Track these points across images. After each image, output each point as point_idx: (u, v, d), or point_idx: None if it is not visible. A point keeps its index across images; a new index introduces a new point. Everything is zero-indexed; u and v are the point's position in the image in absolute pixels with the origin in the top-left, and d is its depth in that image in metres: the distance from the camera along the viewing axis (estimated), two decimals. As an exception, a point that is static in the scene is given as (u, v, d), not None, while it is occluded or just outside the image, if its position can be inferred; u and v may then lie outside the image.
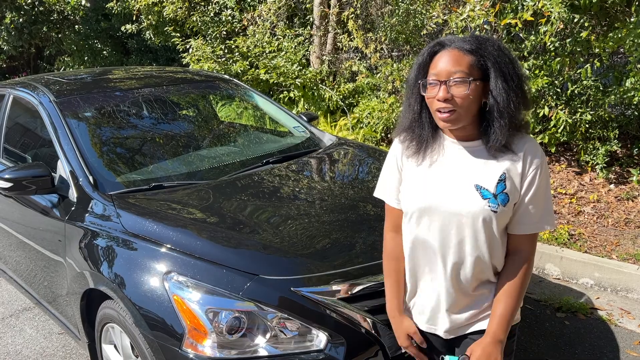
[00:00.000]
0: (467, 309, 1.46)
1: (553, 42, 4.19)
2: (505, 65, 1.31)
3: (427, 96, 1.35)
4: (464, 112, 1.31)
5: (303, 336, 1.79)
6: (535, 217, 1.37)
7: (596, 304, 3.22)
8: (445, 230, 1.40)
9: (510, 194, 1.34)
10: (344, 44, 6.61)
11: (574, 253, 3.65)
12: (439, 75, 1.31)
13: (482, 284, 1.44)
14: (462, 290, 1.43)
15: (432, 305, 1.49)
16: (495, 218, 1.35)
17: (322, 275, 1.88)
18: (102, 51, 11.08)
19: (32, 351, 2.95)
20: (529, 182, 1.35)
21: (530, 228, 1.38)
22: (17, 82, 3.43)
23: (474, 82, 1.29)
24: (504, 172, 1.35)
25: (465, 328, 1.48)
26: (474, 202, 1.35)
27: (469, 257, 1.39)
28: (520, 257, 1.40)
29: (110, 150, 2.81)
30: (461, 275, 1.42)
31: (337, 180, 2.74)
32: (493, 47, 1.32)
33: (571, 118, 4.40)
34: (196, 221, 2.16)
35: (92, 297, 2.26)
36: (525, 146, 1.36)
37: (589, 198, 4.36)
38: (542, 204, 1.37)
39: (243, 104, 4.73)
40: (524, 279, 1.40)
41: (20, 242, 2.88)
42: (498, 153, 1.35)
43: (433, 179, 1.42)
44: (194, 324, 1.78)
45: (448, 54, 1.31)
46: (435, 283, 1.46)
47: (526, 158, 1.35)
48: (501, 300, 1.39)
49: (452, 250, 1.40)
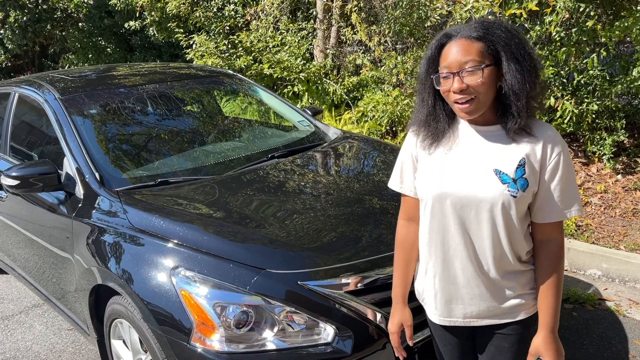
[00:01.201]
0: (490, 296, 1.43)
1: (559, 32, 4.15)
2: (516, 46, 1.29)
3: (442, 90, 1.34)
4: (482, 98, 1.31)
5: (311, 329, 1.79)
6: (562, 204, 1.35)
7: (604, 295, 3.20)
8: (463, 216, 1.38)
9: (529, 179, 1.33)
10: (347, 38, 6.59)
11: (582, 244, 3.64)
12: (451, 67, 1.30)
13: (507, 274, 1.42)
14: (483, 276, 1.42)
15: (450, 292, 1.47)
16: (515, 203, 1.33)
17: (329, 269, 1.88)
18: (106, 48, 11.10)
19: (42, 347, 2.97)
20: (552, 169, 1.34)
21: (557, 216, 1.37)
22: (22, 80, 3.44)
23: (486, 69, 1.28)
24: (524, 157, 1.33)
25: (487, 318, 1.46)
26: (494, 186, 1.34)
27: (488, 242, 1.38)
28: (551, 246, 1.40)
29: (115, 147, 2.82)
30: (482, 261, 1.40)
31: (343, 173, 2.74)
32: (501, 30, 1.31)
33: (577, 108, 4.36)
34: (202, 216, 2.17)
35: (100, 293, 2.28)
36: (546, 132, 1.35)
37: (596, 189, 4.33)
38: (568, 190, 1.35)
39: (247, 99, 4.72)
40: (559, 266, 1.39)
41: (28, 239, 2.89)
42: (517, 137, 1.34)
43: (450, 165, 1.41)
44: (201, 319, 1.78)
45: (456, 44, 1.30)
46: (453, 269, 1.44)
47: (547, 145, 1.33)
48: (544, 292, 1.39)
49: (471, 235, 1.39)
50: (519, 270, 1.43)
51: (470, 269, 1.42)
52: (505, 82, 1.30)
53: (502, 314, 1.45)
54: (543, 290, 1.40)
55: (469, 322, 1.49)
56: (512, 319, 1.45)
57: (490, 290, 1.43)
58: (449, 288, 1.47)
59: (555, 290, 1.39)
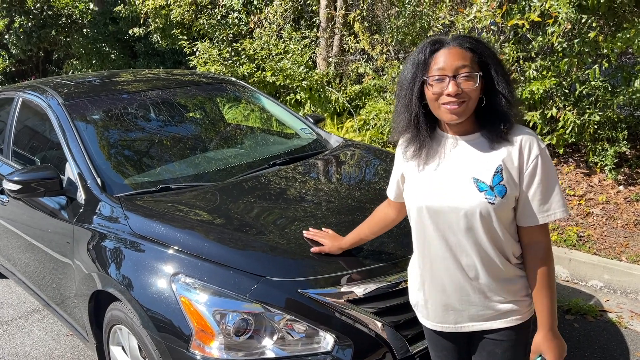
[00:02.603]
0: (480, 302, 1.45)
1: (561, 42, 4.16)
2: (500, 64, 1.38)
3: (433, 92, 1.35)
4: (471, 105, 1.35)
5: (310, 338, 1.78)
6: (543, 207, 1.37)
7: (606, 307, 3.19)
8: (445, 226, 1.41)
9: (507, 185, 1.35)
10: (350, 46, 6.61)
11: (583, 255, 3.62)
12: (445, 70, 1.33)
13: (498, 280, 1.42)
14: (472, 283, 1.43)
15: (441, 299, 1.49)
16: (494, 210, 1.35)
17: (330, 277, 1.87)
18: (110, 54, 11.16)
19: (40, 353, 2.96)
20: (530, 173, 1.36)
21: (539, 219, 1.38)
22: (26, 85, 3.46)
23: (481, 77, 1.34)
24: (501, 163, 1.36)
25: (478, 323, 1.48)
26: (471, 195, 1.36)
27: (472, 250, 1.39)
28: (537, 249, 1.41)
29: (117, 153, 2.82)
30: (469, 269, 1.42)
31: (344, 181, 2.74)
32: (486, 46, 1.38)
33: (579, 119, 4.36)
34: (203, 223, 2.16)
35: (100, 298, 2.27)
36: (521, 136, 1.37)
37: (598, 199, 4.32)
38: (548, 193, 1.37)
39: (250, 106, 4.74)
40: (548, 268, 1.40)
41: (29, 244, 2.89)
42: (495, 144, 1.37)
43: (431, 176, 1.44)
44: (201, 326, 1.78)
45: (450, 50, 1.34)
46: (441, 278, 1.47)
47: (524, 149, 1.36)
48: (537, 295, 1.41)
49: (455, 244, 1.41)
50: (511, 276, 1.44)
51: (458, 276, 1.43)
52: (497, 93, 1.36)
53: (493, 319, 1.46)
54: (535, 293, 1.41)
55: (460, 328, 1.50)
56: (504, 325, 1.46)
57: (480, 297, 1.44)
58: (439, 295, 1.49)
59: (547, 291, 1.40)
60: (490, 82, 1.36)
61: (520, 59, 4.57)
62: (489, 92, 1.37)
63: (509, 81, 1.38)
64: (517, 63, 4.60)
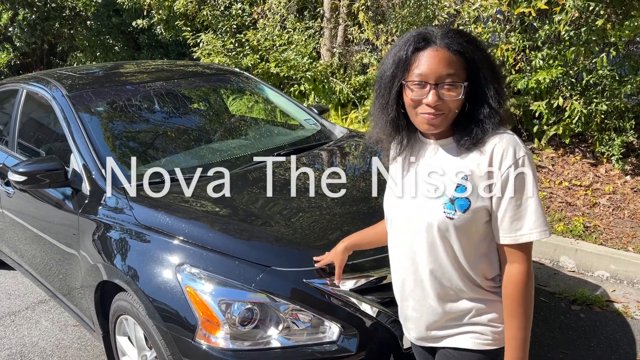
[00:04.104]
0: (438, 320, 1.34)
1: (568, 31, 4.12)
2: (491, 65, 1.23)
3: (412, 97, 1.22)
4: (450, 116, 1.22)
5: (315, 328, 1.79)
6: (517, 225, 1.21)
7: (612, 297, 3.17)
8: (408, 236, 1.32)
9: (472, 199, 1.21)
10: (354, 36, 6.57)
11: (589, 245, 3.60)
12: (427, 77, 1.19)
13: (460, 300, 1.31)
14: (432, 299, 1.32)
15: (404, 310, 1.42)
16: (453, 226, 1.22)
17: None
18: (114, 47, 11.14)
19: (47, 343, 2.99)
20: (502, 184, 1.19)
21: (510, 238, 1.22)
22: (31, 77, 3.46)
23: (465, 87, 1.20)
24: (467, 173, 1.22)
25: (439, 340, 1.37)
26: (431, 207, 1.25)
27: (433, 265, 1.28)
28: (512, 272, 1.24)
29: (122, 144, 2.82)
30: (429, 283, 1.31)
31: (348, 172, 2.73)
32: (477, 46, 1.23)
33: (586, 108, 4.33)
34: (208, 213, 2.16)
35: (106, 289, 2.28)
36: (495, 143, 1.21)
37: (605, 190, 4.29)
38: (524, 208, 1.20)
39: (254, 97, 4.72)
40: (523, 295, 1.23)
41: (35, 235, 2.91)
42: (465, 151, 1.23)
43: (401, 182, 1.34)
44: (206, 316, 1.78)
45: (436, 53, 1.19)
46: (404, 289, 1.38)
47: (494, 157, 1.20)
48: (507, 321, 1.26)
49: (417, 257, 1.31)
50: (480, 299, 1.30)
51: (418, 290, 1.33)
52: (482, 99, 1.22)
53: (453, 336, 1.34)
54: (505, 319, 1.26)
55: (420, 343, 1.42)
56: (466, 345, 1.33)
57: (442, 315, 1.32)
58: (403, 305, 1.42)
59: (515, 320, 1.24)
60: (477, 89, 1.22)
61: (526, 48, 4.52)
62: (474, 99, 1.22)
63: (500, 85, 1.23)
64: (523, 52, 4.55)
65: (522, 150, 1.20)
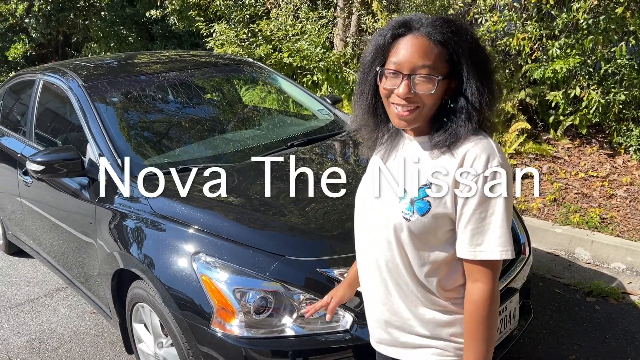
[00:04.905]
0: (393, 326, 1.27)
1: (586, 19, 4.04)
2: (481, 61, 1.12)
3: (383, 86, 1.14)
4: (425, 112, 1.13)
5: (329, 317, 1.79)
6: (477, 240, 1.11)
7: (628, 289, 3.14)
8: (370, 234, 1.26)
9: (433, 203, 1.13)
10: (368, 26, 6.51)
11: (606, 237, 3.56)
12: (401, 67, 1.10)
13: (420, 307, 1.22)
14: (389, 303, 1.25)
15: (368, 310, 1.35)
16: (407, 228, 1.14)
17: (348, 257, 1.86)
18: (128, 37, 11.18)
19: (66, 329, 3.05)
20: (467, 193, 1.10)
21: (472, 253, 1.12)
22: (47, 67, 3.49)
23: (442, 81, 1.10)
24: (433, 176, 1.14)
25: (401, 348, 1.28)
26: (392, 205, 1.18)
27: (390, 267, 1.21)
28: (473, 289, 1.15)
29: (137, 134, 2.84)
30: (387, 287, 1.24)
31: (361, 162, 2.72)
32: (467, 38, 1.11)
33: (604, 98, 4.25)
34: (222, 203, 2.18)
35: (122, 277, 2.31)
36: (468, 148, 1.11)
37: (622, 181, 4.23)
38: (487, 223, 1.10)
39: (267, 87, 4.72)
40: (483, 315, 1.13)
41: (53, 224, 2.96)
42: (436, 152, 1.15)
43: (371, 176, 1.28)
44: (222, 304, 1.80)
45: (414, 41, 1.10)
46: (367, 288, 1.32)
47: (465, 163, 1.11)
48: (466, 342, 1.17)
49: (377, 257, 1.24)
50: (434, 307, 1.21)
51: (382, 289, 1.26)
52: (462, 99, 1.12)
53: (407, 348, 1.27)
54: (465, 340, 1.17)
55: (378, 347, 1.35)
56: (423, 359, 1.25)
57: (395, 320, 1.26)
58: (367, 306, 1.35)
59: (473, 342, 1.14)
60: (459, 85, 1.12)
61: (543, 37, 4.45)
62: (455, 96, 1.13)
63: (487, 83, 1.13)
64: (540, 41, 4.48)
65: (497, 160, 1.10)
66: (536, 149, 4.66)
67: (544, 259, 3.53)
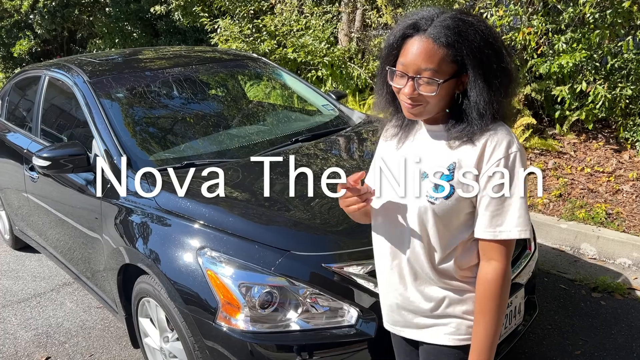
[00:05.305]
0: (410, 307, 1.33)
1: (593, 13, 4.00)
2: (490, 58, 1.15)
3: (394, 84, 1.22)
4: (431, 107, 1.19)
5: (334, 311, 1.80)
6: (497, 221, 1.18)
7: (634, 284, 3.13)
8: (390, 218, 1.30)
9: (456, 186, 1.19)
10: (372, 21, 6.49)
11: (611, 232, 3.55)
12: (407, 69, 1.17)
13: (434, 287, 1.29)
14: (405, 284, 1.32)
15: (383, 294, 1.40)
16: (432, 211, 1.21)
17: (353, 252, 1.88)
18: (132, 33, 11.19)
19: (72, 324, 3.07)
20: (487, 177, 1.17)
21: (488, 233, 1.19)
22: (52, 63, 3.50)
23: (445, 84, 1.15)
24: (455, 161, 1.20)
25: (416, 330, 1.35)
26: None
27: (408, 250, 1.28)
28: (488, 267, 1.21)
29: (142, 130, 2.85)
30: (404, 268, 1.31)
31: (366, 158, 2.72)
32: (476, 36, 1.14)
33: (610, 93, 4.23)
34: (227, 198, 2.18)
35: (128, 272, 2.33)
36: (489, 136, 1.18)
37: (628, 176, 4.21)
38: (507, 204, 1.17)
39: (271, 82, 4.72)
40: (496, 293, 1.20)
41: (59, 219, 2.97)
42: (456, 141, 1.21)
43: (391, 163, 1.32)
44: (227, 298, 1.81)
45: (420, 44, 1.15)
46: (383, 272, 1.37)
47: (486, 149, 1.18)
48: (476, 318, 1.23)
49: (394, 240, 1.31)
50: (447, 287, 1.28)
51: (396, 274, 1.33)
52: (469, 98, 1.17)
53: (426, 328, 1.33)
54: (475, 315, 1.24)
55: (392, 329, 1.41)
56: (433, 341, 1.32)
57: (411, 301, 1.32)
58: (381, 291, 1.41)
59: (482, 318, 1.21)
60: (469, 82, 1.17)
61: (549, 32, 4.42)
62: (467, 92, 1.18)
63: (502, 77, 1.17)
64: (546, 36, 4.45)
65: (515, 146, 1.18)
66: (542, 144, 4.64)
67: (549, 254, 3.53)
